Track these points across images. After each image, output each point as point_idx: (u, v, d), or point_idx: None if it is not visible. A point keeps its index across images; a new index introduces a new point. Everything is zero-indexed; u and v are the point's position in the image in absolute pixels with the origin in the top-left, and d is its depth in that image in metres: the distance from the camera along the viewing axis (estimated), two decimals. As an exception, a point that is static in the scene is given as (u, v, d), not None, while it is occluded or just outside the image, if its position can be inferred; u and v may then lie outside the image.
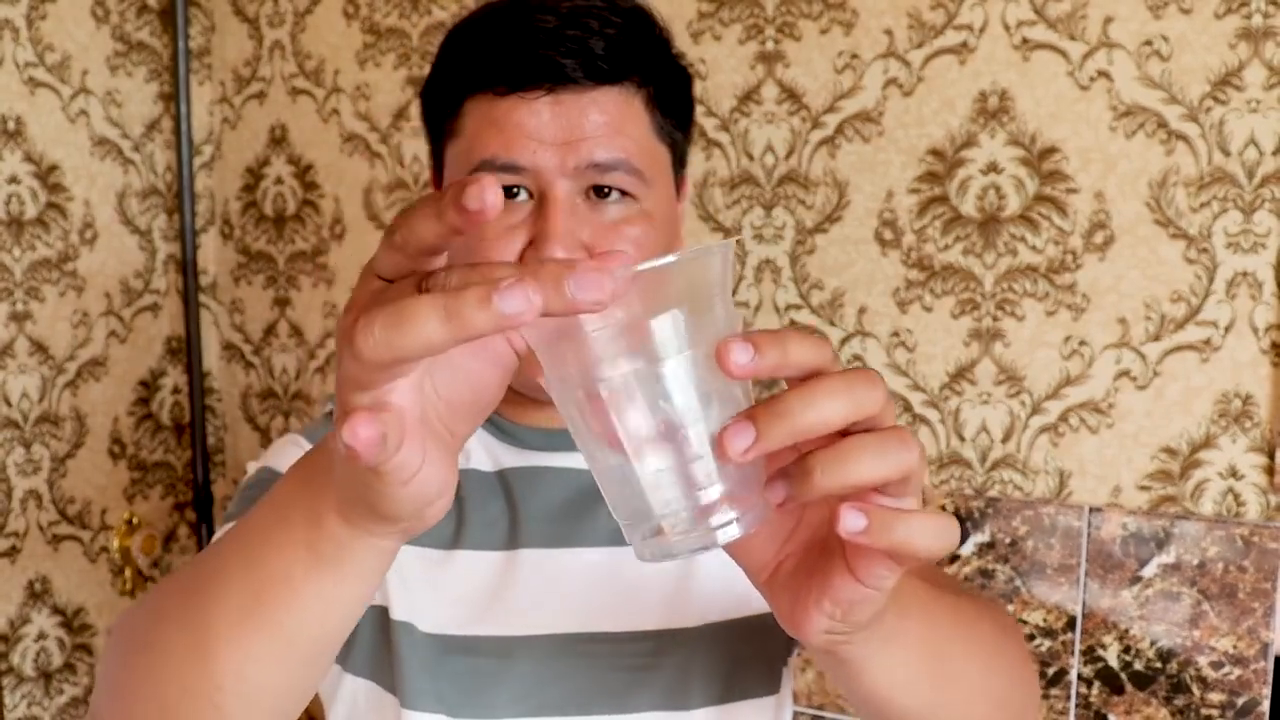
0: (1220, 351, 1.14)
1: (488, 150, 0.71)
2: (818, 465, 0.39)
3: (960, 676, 0.56)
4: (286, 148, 1.65)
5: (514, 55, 0.70)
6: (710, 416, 0.40)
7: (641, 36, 0.73)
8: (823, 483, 0.39)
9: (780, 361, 0.38)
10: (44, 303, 1.51)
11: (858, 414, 0.39)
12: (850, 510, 0.40)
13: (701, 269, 0.40)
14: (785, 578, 0.48)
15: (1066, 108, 1.18)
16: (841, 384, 0.39)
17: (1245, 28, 1.10)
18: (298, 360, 1.69)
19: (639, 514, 0.41)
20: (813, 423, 0.38)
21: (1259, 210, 1.11)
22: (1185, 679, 1.15)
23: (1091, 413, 1.20)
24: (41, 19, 1.48)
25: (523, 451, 0.80)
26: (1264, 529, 1.12)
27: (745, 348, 0.38)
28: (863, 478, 0.40)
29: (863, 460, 0.39)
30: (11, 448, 1.49)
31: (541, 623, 0.74)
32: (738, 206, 1.35)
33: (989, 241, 1.23)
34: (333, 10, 1.59)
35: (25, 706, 1.53)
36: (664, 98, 0.75)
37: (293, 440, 0.80)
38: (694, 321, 0.39)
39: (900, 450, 0.40)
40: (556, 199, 0.70)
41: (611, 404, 0.40)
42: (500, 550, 0.76)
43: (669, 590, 0.76)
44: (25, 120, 1.47)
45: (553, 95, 0.70)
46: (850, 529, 0.40)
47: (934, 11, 1.23)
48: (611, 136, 0.70)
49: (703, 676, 0.74)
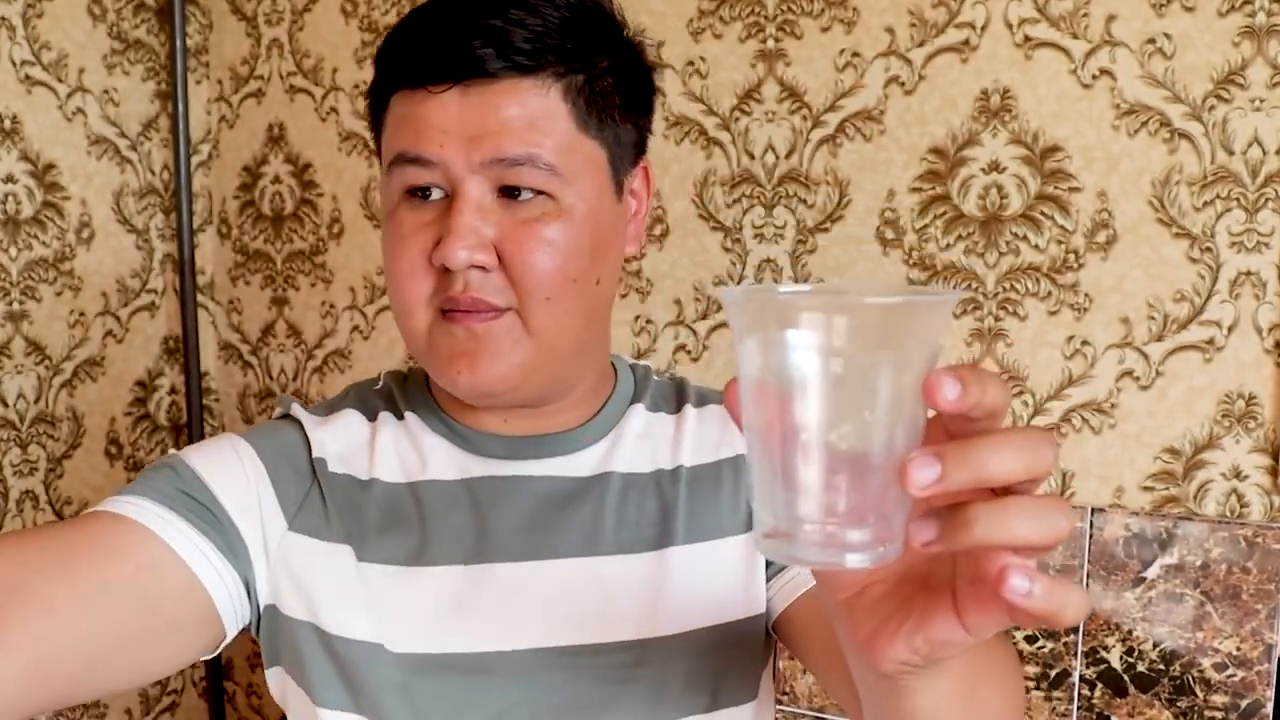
0: (1224, 351, 1.13)
1: (401, 143, 0.69)
2: (981, 517, 0.39)
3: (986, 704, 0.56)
4: (284, 147, 1.65)
5: (429, 49, 0.68)
6: (892, 444, 0.40)
7: (579, 23, 0.70)
8: (981, 535, 0.39)
9: (979, 400, 0.39)
10: (40, 302, 1.50)
11: (1032, 474, 0.40)
12: (1019, 573, 0.40)
13: (939, 312, 0.41)
14: (870, 603, 0.47)
15: (1069, 106, 1.17)
16: (1026, 442, 0.40)
17: (1249, 25, 1.10)
18: (296, 360, 1.68)
19: (780, 511, 0.41)
20: (995, 472, 0.39)
21: (1262, 209, 1.11)
22: (1188, 681, 1.15)
23: (1094, 413, 1.19)
24: (38, 17, 1.47)
25: (486, 460, 0.77)
26: (1268, 530, 1.11)
27: (955, 383, 0.39)
28: (1019, 538, 0.40)
29: (1024, 522, 0.40)
30: (8, 448, 1.48)
31: (517, 637, 0.72)
32: (738, 205, 1.34)
33: (991, 241, 1.22)
34: (331, 8, 1.58)
35: (21, 708, 1.52)
36: (599, 89, 0.71)
37: (230, 440, 0.76)
38: (912, 355, 0.40)
39: (1056, 516, 0.40)
40: (463, 195, 0.68)
41: (803, 395, 0.40)
42: (468, 564, 0.73)
43: (646, 599, 0.74)
44: (21, 119, 1.46)
45: (461, 88, 0.67)
46: (1017, 590, 0.40)
47: (936, 9, 1.23)
48: (523, 132, 0.67)
49: (682, 685, 0.73)
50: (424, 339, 0.71)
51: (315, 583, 0.72)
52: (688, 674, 0.73)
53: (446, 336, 0.70)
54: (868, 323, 0.40)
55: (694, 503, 0.77)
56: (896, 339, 0.40)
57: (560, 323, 0.70)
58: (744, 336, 0.41)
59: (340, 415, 0.79)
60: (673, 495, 0.77)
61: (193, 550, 0.69)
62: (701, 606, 0.74)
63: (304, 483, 0.75)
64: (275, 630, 0.74)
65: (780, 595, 0.75)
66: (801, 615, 0.73)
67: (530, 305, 0.69)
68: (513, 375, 0.71)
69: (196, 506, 0.70)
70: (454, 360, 0.70)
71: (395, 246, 0.71)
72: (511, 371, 0.70)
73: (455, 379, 0.70)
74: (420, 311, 0.71)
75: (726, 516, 0.77)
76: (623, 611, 0.73)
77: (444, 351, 0.70)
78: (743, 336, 0.42)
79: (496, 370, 0.70)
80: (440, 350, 0.71)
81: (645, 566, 0.74)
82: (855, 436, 0.40)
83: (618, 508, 0.76)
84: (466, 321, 0.69)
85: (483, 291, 0.68)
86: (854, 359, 0.39)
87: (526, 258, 0.68)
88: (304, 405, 0.81)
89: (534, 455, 0.77)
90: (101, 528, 0.67)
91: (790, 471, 0.41)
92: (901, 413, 0.40)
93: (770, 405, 0.41)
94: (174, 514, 0.69)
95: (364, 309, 1.61)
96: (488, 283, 0.69)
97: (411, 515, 0.75)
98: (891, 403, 0.40)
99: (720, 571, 0.75)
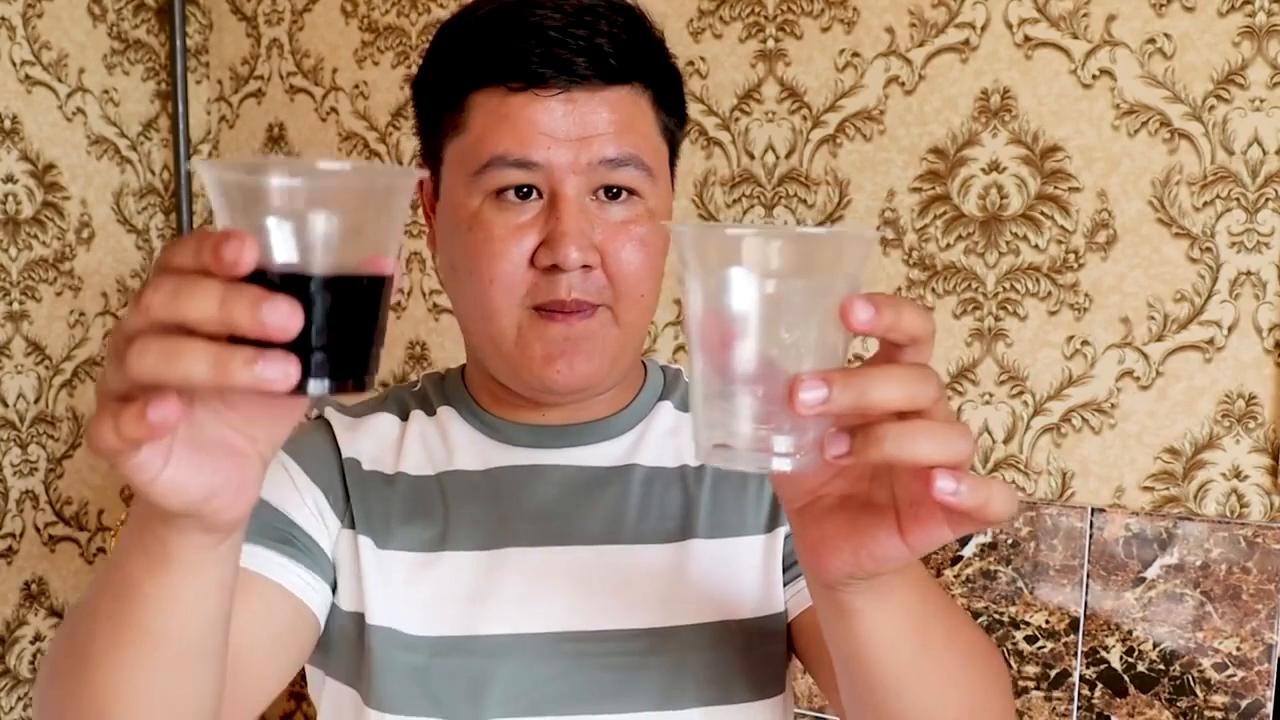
0: (1224, 351, 1.13)
1: (500, 146, 0.70)
2: (889, 435, 0.44)
3: (942, 660, 0.58)
4: (285, 146, 1.65)
5: (526, 51, 0.69)
6: (815, 362, 0.45)
7: (642, 36, 0.74)
8: (891, 451, 0.44)
9: (893, 324, 0.44)
10: (40, 302, 1.50)
11: (913, 404, 0.44)
12: (944, 474, 0.44)
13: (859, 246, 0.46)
14: (818, 514, 0.51)
15: (1069, 106, 1.17)
16: (909, 375, 0.44)
17: (1249, 26, 1.10)
18: (296, 360, 1.68)
19: (718, 424, 0.46)
20: (875, 400, 0.43)
21: (1263, 209, 1.11)
22: (1188, 681, 1.15)
23: (1094, 413, 1.19)
24: (38, 17, 1.47)
25: (512, 449, 0.79)
26: (1267, 530, 1.11)
27: (868, 306, 0.43)
28: (923, 456, 0.44)
29: (928, 442, 0.44)
30: (8, 448, 1.48)
31: (531, 621, 0.73)
32: (738, 205, 1.34)
33: (991, 241, 1.22)
34: (331, 8, 1.59)
35: (22, 709, 1.52)
36: (664, 96, 0.76)
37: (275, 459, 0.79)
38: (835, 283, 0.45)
39: (958, 441, 0.45)
40: (569, 198, 0.70)
41: (736, 319, 0.45)
42: (486, 550, 0.75)
43: (664, 589, 0.75)
44: (21, 119, 1.46)
45: (567, 93, 0.70)
46: (944, 490, 0.44)
47: (936, 9, 1.23)
48: (622, 134, 0.71)
49: (696, 677, 0.73)
50: (513, 340, 0.73)
51: (340, 570, 0.75)
52: (702, 665, 0.74)
53: (542, 337, 0.72)
54: (797, 250, 0.45)
55: (717, 499, 0.78)
56: (823, 267, 0.46)
57: (643, 317, 0.75)
58: (694, 268, 0.46)
59: (373, 417, 0.82)
60: (696, 491, 0.78)
61: (297, 582, 0.71)
62: (719, 600, 0.75)
63: (338, 484, 0.78)
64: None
65: (792, 603, 0.76)
66: (809, 626, 0.74)
67: (625, 302, 0.72)
68: (605, 369, 0.74)
69: (282, 535, 0.73)
70: (551, 360, 0.72)
71: (488, 248, 0.71)
72: (605, 365, 0.73)
73: (553, 378, 0.72)
74: (513, 313, 0.72)
75: (749, 515, 0.78)
76: (640, 600, 0.74)
77: (538, 352, 0.72)
78: (693, 268, 0.46)
79: (592, 366, 0.73)
80: (533, 350, 0.72)
81: (665, 557, 0.76)
82: (783, 354, 0.45)
83: (641, 498, 0.77)
84: (569, 321, 0.71)
85: (585, 291, 0.71)
86: (785, 282, 0.45)
87: (627, 257, 0.72)
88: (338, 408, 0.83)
89: (560, 444, 0.78)
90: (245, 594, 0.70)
91: (729, 386, 0.46)
92: (825, 334, 0.45)
93: (713, 328, 0.46)
94: (273, 553, 0.71)
95: (364, 309, 1.61)
96: (590, 282, 0.71)
97: (436, 504, 0.77)
98: (815, 324, 0.45)
99: (740, 568, 0.76)
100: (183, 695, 0.53)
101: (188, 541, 0.48)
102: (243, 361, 0.40)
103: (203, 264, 0.41)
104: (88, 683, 0.52)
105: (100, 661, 0.51)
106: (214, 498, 0.46)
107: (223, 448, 0.46)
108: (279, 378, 0.40)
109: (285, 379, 0.40)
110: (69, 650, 0.54)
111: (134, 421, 0.41)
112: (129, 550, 0.50)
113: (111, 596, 0.51)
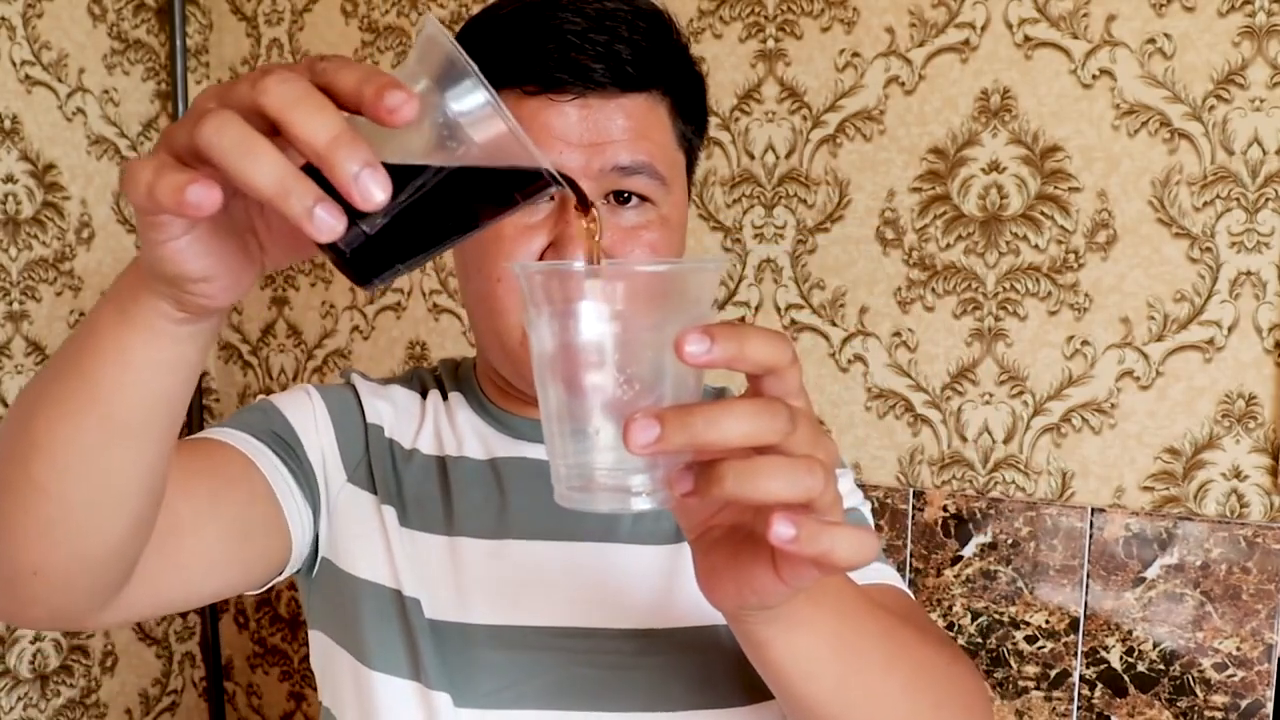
0: (1224, 351, 1.13)
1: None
2: (730, 474, 0.42)
3: (875, 687, 0.56)
4: (284, 146, 1.65)
5: (543, 54, 0.69)
6: (661, 398, 0.45)
7: (664, 43, 0.74)
8: (733, 490, 0.42)
9: (736, 354, 0.41)
10: (40, 302, 1.50)
11: (759, 440, 0.42)
12: (782, 520, 0.42)
13: (702, 277, 0.46)
14: (708, 545, 0.51)
15: (1069, 106, 1.17)
16: (750, 410, 0.42)
17: (1249, 25, 1.10)
18: (296, 360, 1.68)
19: (573, 464, 0.46)
20: (712, 440, 0.41)
21: (1263, 209, 1.11)
22: (1188, 681, 1.15)
23: (1094, 413, 1.19)
24: (38, 17, 1.47)
25: (516, 441, 0.80)
26: (1268, 530, 1.11)
27: (702, 338, 0.41)
28: (768, 495, 0.42)
29: (772, 480, 0.42)
30: (8, 448, 1.48)
31: (522, 614, 0.74)
32: (738, 205, 1.34)
33: (991, 241, 1.22)
34: (331, 8, 1.58)
35: (22, 709, 1.52)
36: (684, 105, 0.76)
37: (305, 389, 0.81)
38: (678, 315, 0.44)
39: (807, 478, 0.43)
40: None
41: (582, 357, 0.44)
42: (489, 539, 0.76)
43: (657, 591, 0.75)
44: (21, 119, 1.46)
45: (582, 99, 0.70)
46: (780, 536, 0.42)
47: (936, 9, 1.23)
48: (636, 141, 0.71)
49: (686, 680, 0.73)
50: (518, 338, 0.74)
51: (365, 536, 0.76)
52: (692, 669, 0.74)
53: None
54: (639, 286, 0.45)
55: None
56: (668, 301, 0.45)
57: None
58: (542, 306, 0.46)
59: (395, 388, 0.84)
60: None
61: (282, 485, 0.73)
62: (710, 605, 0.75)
63: (359, 443, 0.79)
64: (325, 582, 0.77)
65: None
66: None
67: None
68: None
69: (285, 445, 0.75)
70: None
71: (497, 247, 0.71)
72: None
73: None
74: (518, 311, 0.73)
75: None
76: (632, 600, 0.75)
77: None
78: (541, 307, 0.46)
79: None
80: None
81: (660, 558, 0.76)
82: (632, 391, 0.44)
83: None
84: None
85: None
86: (629, 319, 0.44)
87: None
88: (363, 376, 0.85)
89: None
90: (213, 453, 0.71)
91: (581, 426, 0.45)
92: (676, 368, 0.44)
93: (560, 367, 0.45)
94: (268, 449, 0.73)
95: (364, 309, 1.61)
96: None
97: (440, 489, 0.78)
98: (665, 359, 0.44)
99: None
100: (106, 469, 0.51)
101: (156, 307, 0.48)
102: (304, 196, 0.39)
103: (358, 89, 0.40)
104: (26, 429, 0.52)
105: (39, 409, 0.51)
106: (206, 282, 0.46)
107: (236, 242, 0.46)
108: (324, 230, 0.39)
109: (329, 233, 0.40)
110: (21, 395, 0.54)
111: (170, 190, 0.40)
112: (100, 306, 0.50)
113: (73, 349, 0.51)
